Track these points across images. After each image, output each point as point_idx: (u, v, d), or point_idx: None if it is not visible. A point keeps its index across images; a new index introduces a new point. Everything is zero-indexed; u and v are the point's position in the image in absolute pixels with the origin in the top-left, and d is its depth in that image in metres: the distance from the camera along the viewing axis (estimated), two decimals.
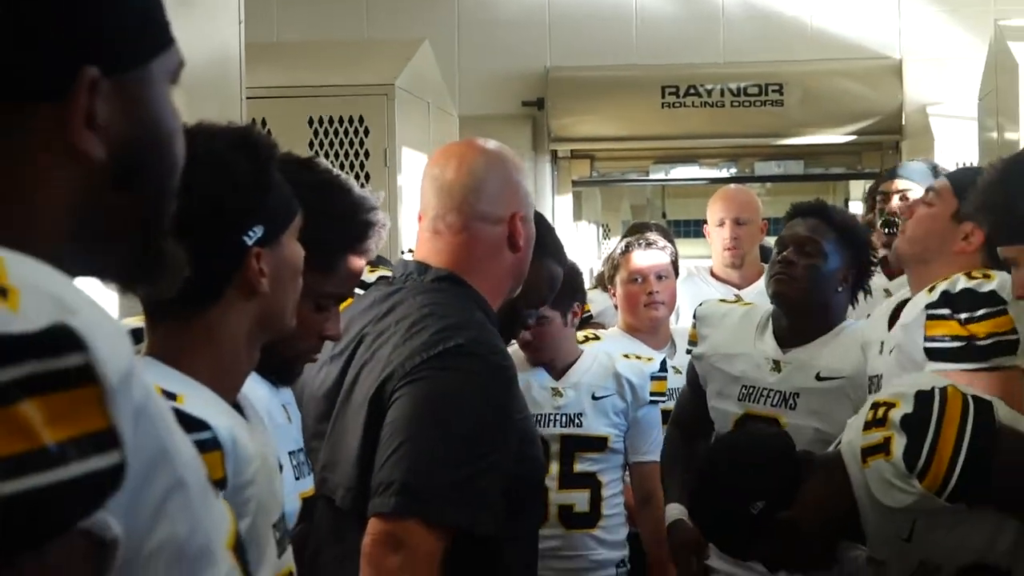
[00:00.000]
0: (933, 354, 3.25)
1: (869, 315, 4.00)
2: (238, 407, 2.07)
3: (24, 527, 0.96)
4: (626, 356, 4.34)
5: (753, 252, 5.51)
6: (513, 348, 4.03)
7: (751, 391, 3.89)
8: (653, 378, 4.27)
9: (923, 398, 2.76)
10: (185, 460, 1.14)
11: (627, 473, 4.41)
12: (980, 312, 3.17)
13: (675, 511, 4.00)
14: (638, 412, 4.27)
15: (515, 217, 2.75)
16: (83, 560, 1.03)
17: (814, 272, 3.79)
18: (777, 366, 3.87)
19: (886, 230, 4.69)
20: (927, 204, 3.55)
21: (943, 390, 2.78)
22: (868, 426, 2.81)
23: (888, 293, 4.41)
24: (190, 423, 1.78)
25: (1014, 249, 2.93)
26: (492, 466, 2.50)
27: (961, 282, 3.22)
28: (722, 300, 4.36)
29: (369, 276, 3.53)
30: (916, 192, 4.82)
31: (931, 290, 3.30)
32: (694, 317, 4.17)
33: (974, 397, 2.79)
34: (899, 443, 2.73)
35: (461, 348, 2.55)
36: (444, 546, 2.45)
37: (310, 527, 2.71)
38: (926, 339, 3.26)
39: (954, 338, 3.22)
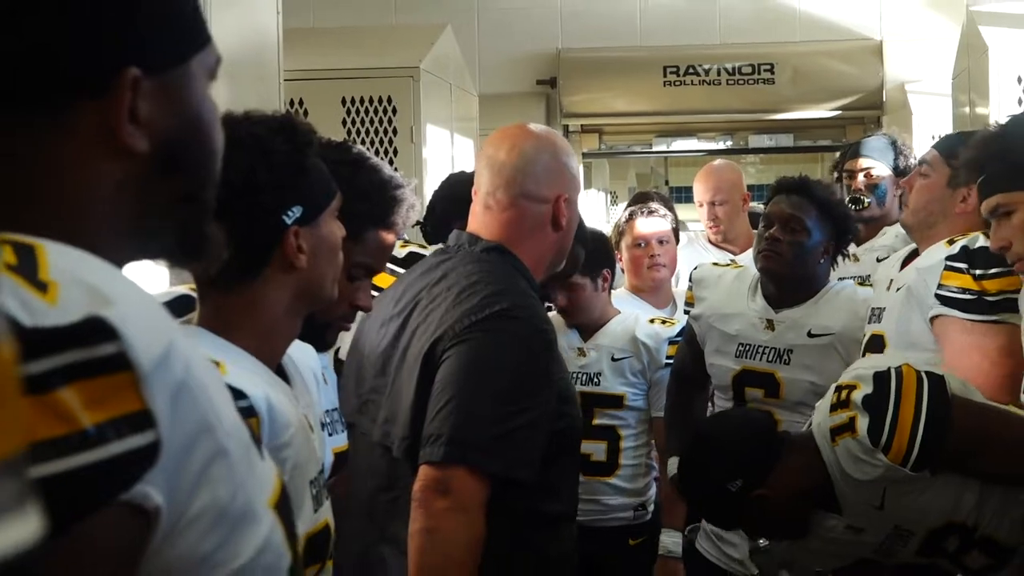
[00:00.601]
0: (944, 300, 3.26)
1: (842, 278, 4.03)
2: (283, 372, 2.07)
3: (68, 503, 0.97)
4: (651, 320, 4.33)
5: (740, 222, 5.47)
6: (552, 313, 4.05)
7: (747, 348, 3.88)
8: (671, 342, 4.26)
9: (881, 378, 2.80)
10: (228, 429, 1.14)
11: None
12: (993, 270, 3.16)
13: (675, 464, 3.96)
14: (656, 374, 4.27)
15: (559, 199, 2.76)
16: (127, 528, 1.03)
17: (798, 248, 3.78)
18: (770, 324, 3.86)
19: (854, 207, 4.68)
20: (922, 175, 3.54)
21: (898, 369, 2.82)
22: (834, 408, 2.85)
23: (855, 258, 4.43)
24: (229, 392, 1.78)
25: (1002, 196, 2.91)
26: (531, 421, 2.53)
27: (980, 240, 3.22)
28: (715, 264, 4.33)
29: (400, 251, 3.53)
30: (878, 169, 4.82)
31: (951, 243, 3.30)
32: (690, 280, 4.16)
33: (927, 373, 2.83)
34: (863, 422, 2.77)
35: (505, 312, 2.58)
36: (487, 492, 2.48)
37: (365, 474, 2.73)
38: (940, 286, 3.27)
39: (966, 290, 3.22)
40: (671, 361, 4.24)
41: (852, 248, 4.60)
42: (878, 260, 4.24)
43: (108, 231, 1.16)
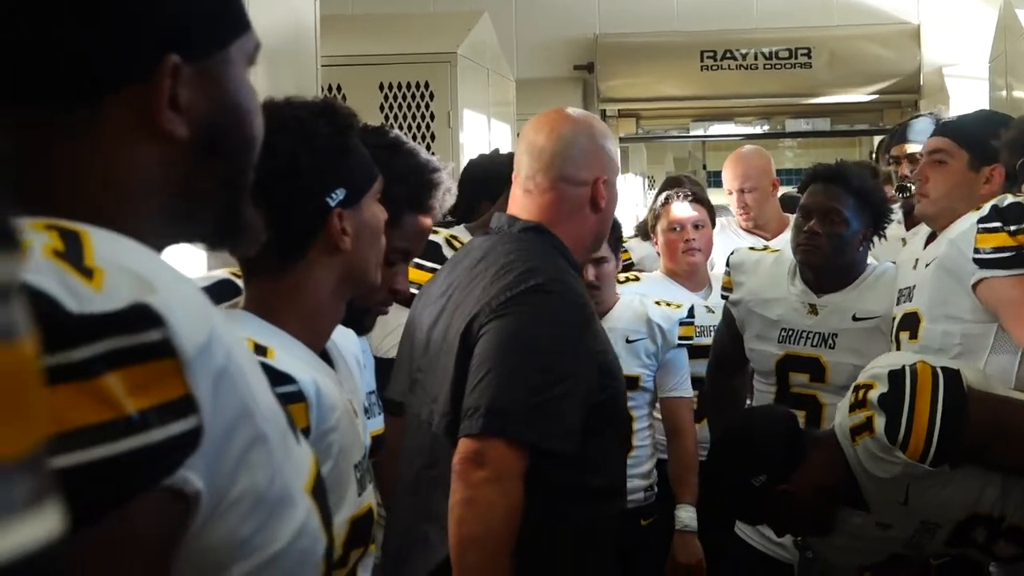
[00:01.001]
0: (984, 263, 3.22)
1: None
2: (327, 355, 2.07)
3: (111, 487, 0.97)
4: (657, 303, 4.32)
5: (770, 207, 5.43)
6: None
7: (791, 333, 3.84)
8: (681, 323, 4.25)
9: (895, 377, 2.83)
10: (266, 414, 1.14)
11: (657, 408, 4.39)
12: None
13: None
14: (667, 354, 4.26)
15: (598, 181, 2.77)
16: (168, 512, 1.03)
17: (837, 240, 3.75)
18: (814, 309, 3.83)
19: (901, 194, 4.64)
20: (939, 163, 3.52)
21: (912, 367, 2.85)
22: (852, 408, 2.89)
23: (904, 242, 4.39)
24: (277, 377, 1.78)
25: None
26: (567, 392, 2.54)
27: (1009, 198, 3.20)
28: (751, 248, 4.30)
29: (436, 237, 3.53)
30: None
31: (978, 209, 3.28)
32: (727, 265, 4.12)
33: (943, 368, 2.85)
34: (880, 421, 2.81)
35: (540, 287, 2.59)
36: (525, 463, 2.50)
37: (413, 453, 2.75)
38: (976, 251, 3.23)
39: (1003, 248, 3.19)
40: (683, 342, 4.24)
41: (902, 232, 4.58)
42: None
43: (149, 217, 1.16)
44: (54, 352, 0.93)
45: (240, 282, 2.11)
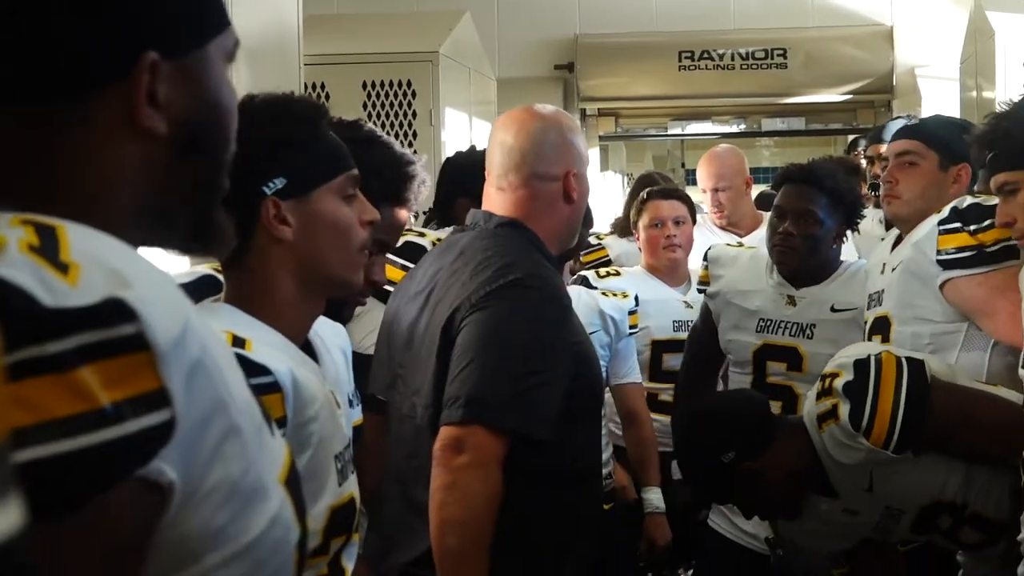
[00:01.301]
0: (947, 264, 3.25)
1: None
2: (311, 347, 2.07)
3: (86, 478, 0.97)
4: (604, 294, 4.32)
5: (743, 205, 5.42)
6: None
7: (768, 323, 3.85)
8: (630, 313, 4.27)
9: (860, 365, 2.86)
10: (241, 407, 1.14)
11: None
12: (987, 222, 3.16)
13: None
14: (619, 343, 4.27)
15: (568, 174, 2.79)
16: (142, 503, 1.04)
17: (811, 241, 3.76)
18: (792, 300, 3.84)
19: (875, 192, 4.67)
20: (909, 164, 3.54)
21: (878, 356, 2.88)
22: (819, 396, 2.92)
23: (881, 240, 4.42)
24: (253, 368, 1.78)
25: (1008, 175, 2.91)
26: (546, 381, 2.57)
27: (968, 199, 3.22)
28: (728, 244, 4.31)
29: (424, 240, 3.53)
30: None
31: (938, 212, 3.30)
32: (705, 259, 4.12)
33: (907, 358, 2.88)
34: (844, 408, 2.84)
35: (518, 281, 2.62)
36: (503, 449, 2.52)
37: (396, 447, 2.76)
38: (939, 252, 3.26)
39: (964, 248, 3.22)
40: (634, 331, 4.25)
41: (881, 231, 4.60)
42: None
43: (127, 214, 1.16)
44: (29, 345, 0.93)
45: (222, 277, 2.11)
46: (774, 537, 3.55)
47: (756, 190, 6.43)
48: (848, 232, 3.91)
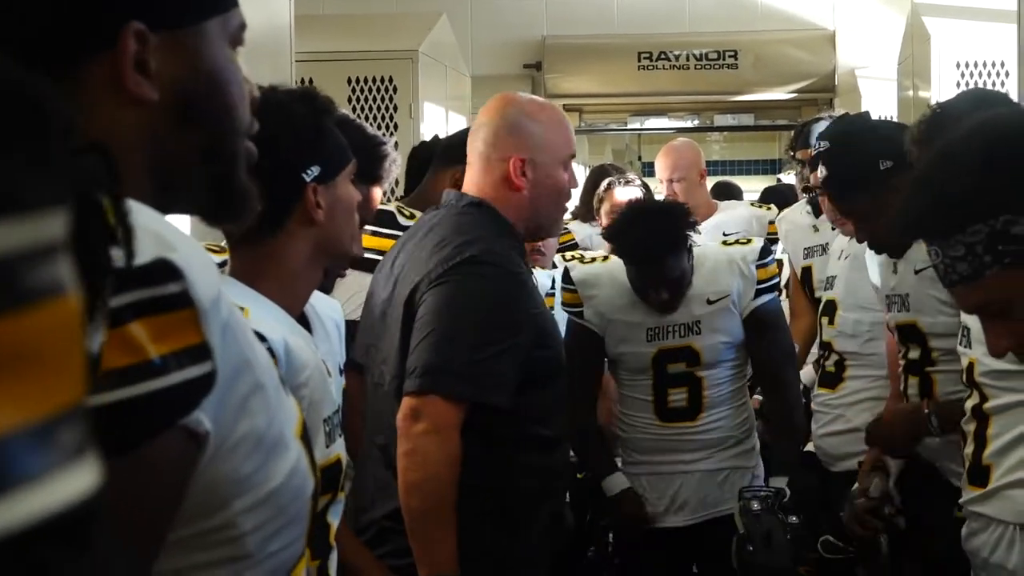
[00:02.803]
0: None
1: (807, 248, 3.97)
2: (306, 319, 2.09)
3: (136, 426, 0.99)
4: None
5: (698, 195, 5.33)
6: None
7: (657, 331, 3.65)
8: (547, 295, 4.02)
9: None
10: (263, 366, 1.16)
11: None
12: None
13: (620, 480, 3.74)
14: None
15: (512, 159, 2.70)
16: (183, 449, 1.05)
17: (681, 290, 3.60)
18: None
19: (807, 194, 4.69)
20: (844, 214, 3.37)
21: None
22: None
23: (815, 229, 4.55)
24: None
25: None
26: (503, 351, 2.56)
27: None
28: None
29: (390, 206, 3.53)
30: None
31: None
32: (568, 283, 3.76)
33: None
34: None
35: (475, 258, 2.60)
36: (460, 415, 2.52)
37: (372, 414, 2.76)
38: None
39: None
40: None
41: (812, 220, 4.62)
42: (833, 228, 4.22)
43: (135, 182, 1.14)
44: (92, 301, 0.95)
45: (216, 257, 2.11)
46: (744, 534, 3.44)
47: (712, 180, 6.47)
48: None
